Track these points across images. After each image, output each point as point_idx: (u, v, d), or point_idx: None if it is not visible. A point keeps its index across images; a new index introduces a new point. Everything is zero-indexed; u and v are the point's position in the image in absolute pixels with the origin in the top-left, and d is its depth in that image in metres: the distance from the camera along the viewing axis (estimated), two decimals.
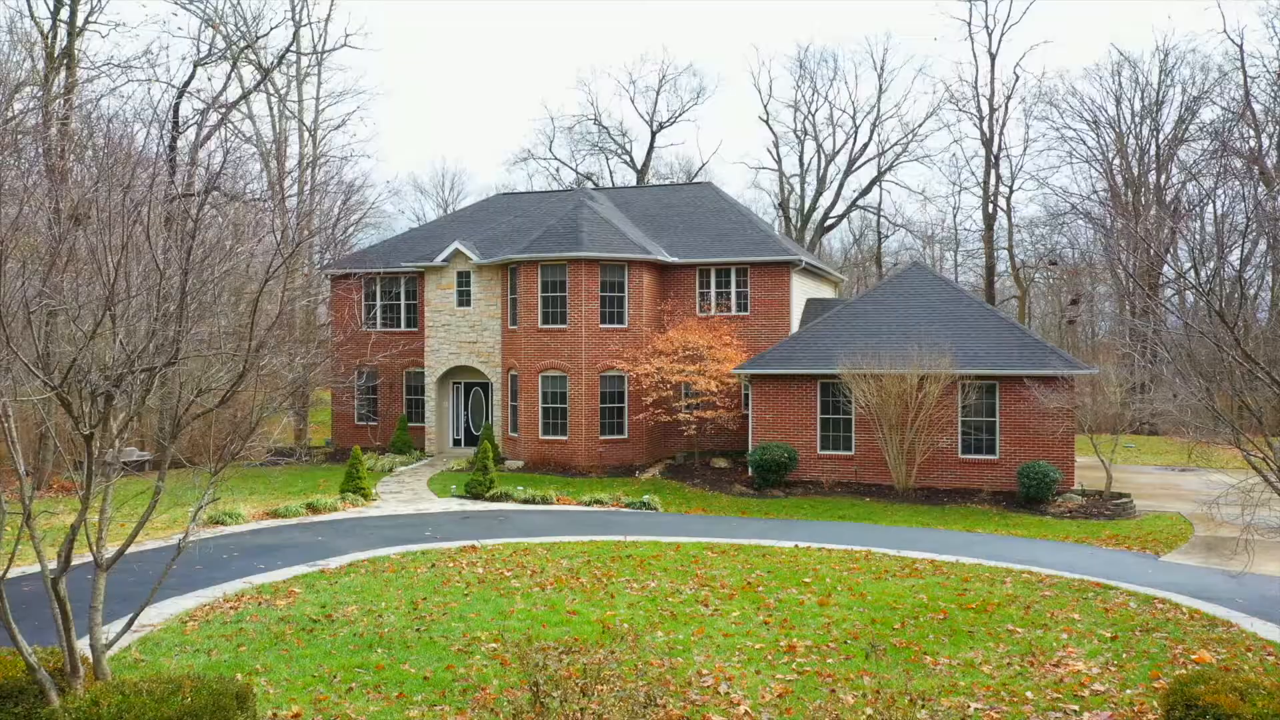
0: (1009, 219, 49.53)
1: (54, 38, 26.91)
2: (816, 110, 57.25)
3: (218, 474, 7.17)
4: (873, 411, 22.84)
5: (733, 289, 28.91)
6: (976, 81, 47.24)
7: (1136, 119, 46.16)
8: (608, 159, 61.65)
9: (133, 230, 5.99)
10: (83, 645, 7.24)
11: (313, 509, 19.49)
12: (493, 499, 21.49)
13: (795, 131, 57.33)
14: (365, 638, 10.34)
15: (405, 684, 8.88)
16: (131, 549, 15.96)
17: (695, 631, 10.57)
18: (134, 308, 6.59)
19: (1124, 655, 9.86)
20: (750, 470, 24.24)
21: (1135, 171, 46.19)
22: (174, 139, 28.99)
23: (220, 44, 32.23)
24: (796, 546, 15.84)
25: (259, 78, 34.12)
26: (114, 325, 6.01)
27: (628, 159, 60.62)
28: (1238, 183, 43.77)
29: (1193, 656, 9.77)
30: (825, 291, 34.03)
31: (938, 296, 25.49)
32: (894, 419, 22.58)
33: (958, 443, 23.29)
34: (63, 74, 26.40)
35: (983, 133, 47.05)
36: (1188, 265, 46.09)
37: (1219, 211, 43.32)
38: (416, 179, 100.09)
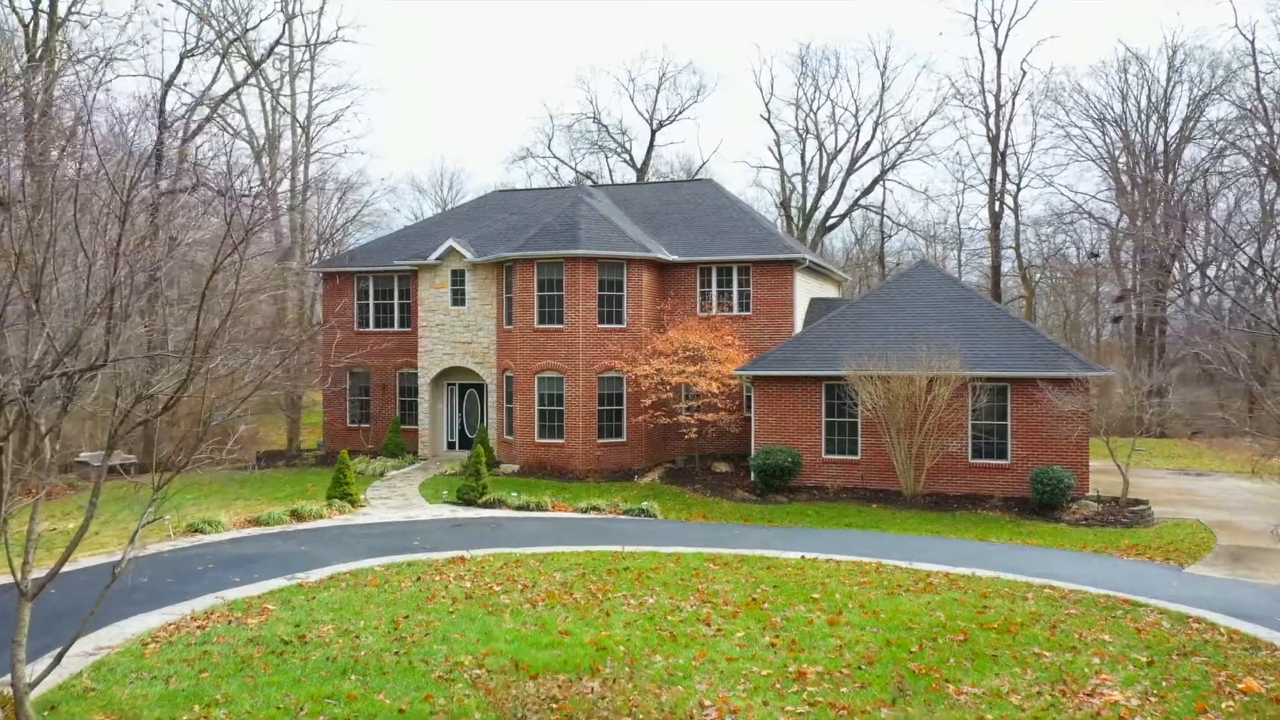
0: (1016, 217, 48.72)
1: (35, 28, 26.13)
2: (818, 108, 56.60)
3: (161, 488, 6.37)
4: (880, 414, 22.03)
5: (734, 288, 28.11)
6: (983, 77, 46.39)
7: (1143, 116, 45.38)
8: (607, 158, 60.90)
9: (51, 215, 5.20)
10: (7, 682, 6.44)
11: (297, 516, 18.67)
12: (485, 505, 20.68)
13: (797, 130, 56.63)
14: (339, 662, 9.54)
15: (378, 717, 8.08)
16: (102, 558, 15.23)
17: (697, 655, 9.76)
18: (59, 301, 5.80)
19: (1164, 683, 9.05)
20: (753, 475, 23.43)
21: (1142, 170, 45.37)
22: (161, 132, 28.17)
23: (209, 36, 31.44)
24: (803, 558, 15.03)
25: (249, 71, 33.31)
26: (32, 321, 5.22)
27: (627, 158, 59.85)
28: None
29: (1239, 685, 8.97)
30: (829, 291, 33.23)
31: (945, 295, 24.69)
32: (902, 422, 21.78)
33: (968, 447, 22.49)
34: (43, 66, 25.58)
35: (989, 129, 46.24)
36: (1192, 268, 44.69)
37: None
38: (415, 178, 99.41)
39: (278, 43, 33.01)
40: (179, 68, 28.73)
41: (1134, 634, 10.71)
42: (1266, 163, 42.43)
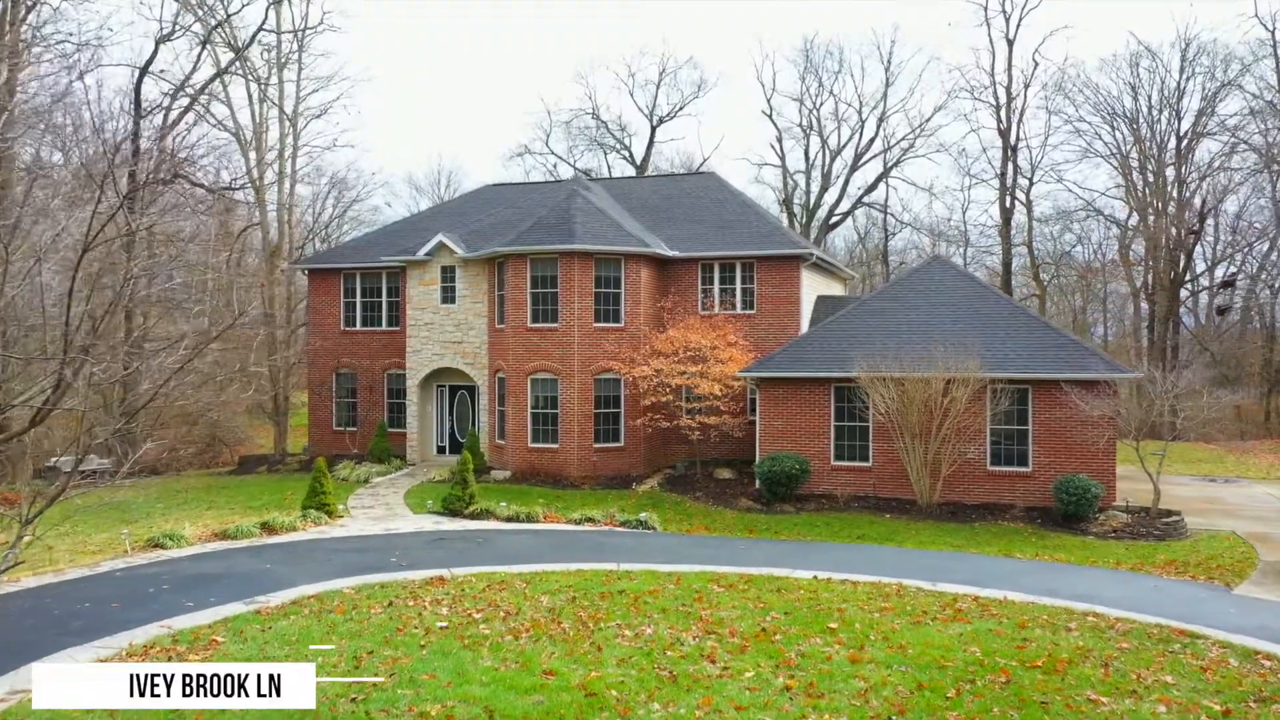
0: (1029, 213, 47.32)
1: (4, 13, 24.82)
2: (821, 104, 54.98)
3: (31, 521, 5.05)
4: (893, 419, 20.73)
5: (738, 285, 26.80)
6: (993, 69, 45.08)
7: (1154, 111, 44.03)
8: (606, 154, 59.55)
9: None
10: None
11: (268, 529, 17.33)
12: (472, 516, 19.34)
13: (800, 125, 55.31)
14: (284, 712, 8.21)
15: None
16: (49, 578, 13.91)
17: (700, 702, 8.45)
18: None
19: None
20: (758, 482, 22.13)
21: (1154, 165, 44.02)
22: (136, 122, 26.84)
23: (187, 20, 30.06)
24: (815, 578, 13.72)
25: (232, 58, 31.96)
26: None
27: (627, 154, 58.51)
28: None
29: None
30: (835, 288, 31.93)
31: (962, 293, 23.39)
32: (916, 427, 20.48)
33: (986, 453, 21.18)
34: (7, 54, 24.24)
35: (1000, 122, 44.87)
36: (1202, 268, 43.42)
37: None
38: (413, 177, 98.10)
39: (261, 28, 31.69)
40: (155, 53, 27.43)
41: (1199, 674, 9.40)
42: None
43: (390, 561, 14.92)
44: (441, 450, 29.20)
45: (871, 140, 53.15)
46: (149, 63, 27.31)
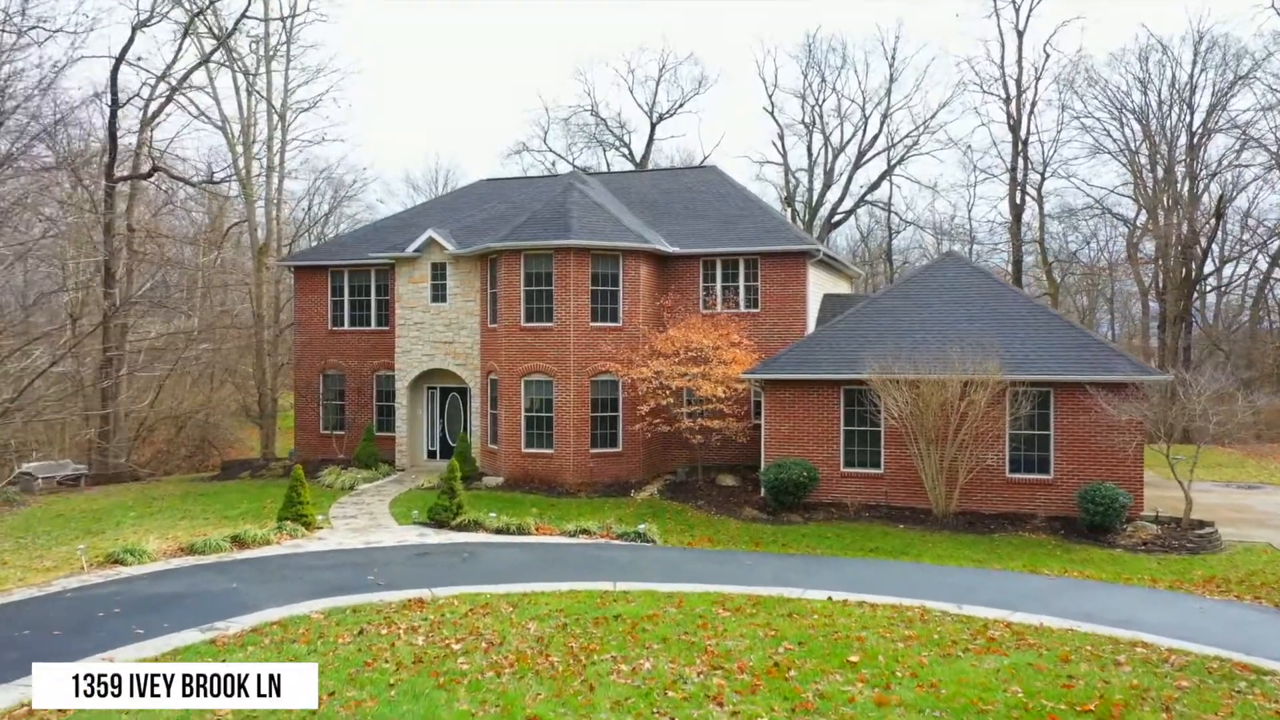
0: (1040, 209, 46.09)
1: None
2: (824, 100, 53.85)
3: None
4: (907, 423, 19.56)
5: (741, 283, 25.63)
6: (1003, 61, 43.82)
7: (1165, 107, 42.83)
8: (605, 151, 58.33)
9: None
10: None
11: (239, 543, 16.13)
12: (460, 528, 18.15)
13: (803, 122, 54.12)
14: None
15: None
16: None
17: None
18: None
19: None
20: (763, 490, 20.96)
21: (1164, 163, 42.83)
22: (113, 112, 25.65)
23: (166, 7, 28.85)
24: (830, 599, 12.56)
25: (214, 46, 30.77)
26: None
27: (626, 152, 57.32)
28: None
29: None
30: (841, 287, 30.78)
31: (977, 290, 22.22)
32: (932, 432, 19.32)
33: (1005, 460, 20.02)
34: None
35: (1009, 115, 43.68)
36: (1210, 268, 42.11)
37: None
38: (410, 176, 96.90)
39: (245, 14, 30.45)
40: (132, 39, 26.18)
41: None
42: None
43: (367, 580, 13.75)
44: (432, 455, 28.04)
45: (875, 137, 52.06)
46: (126, 49, 26.10)
